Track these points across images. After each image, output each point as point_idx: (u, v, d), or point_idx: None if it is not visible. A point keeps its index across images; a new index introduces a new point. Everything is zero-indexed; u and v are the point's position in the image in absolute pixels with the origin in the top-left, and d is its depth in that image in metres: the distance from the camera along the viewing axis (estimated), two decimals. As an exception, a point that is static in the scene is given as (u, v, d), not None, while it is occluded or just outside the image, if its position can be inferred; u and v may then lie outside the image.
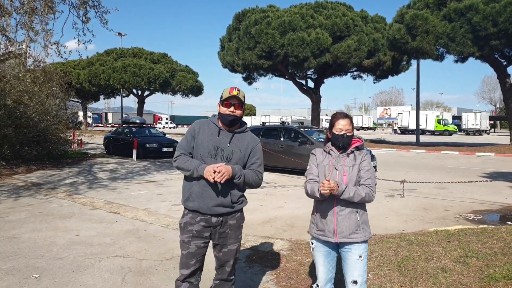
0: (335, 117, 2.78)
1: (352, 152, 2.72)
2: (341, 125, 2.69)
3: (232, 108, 2.71)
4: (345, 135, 2.68)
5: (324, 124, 47.27)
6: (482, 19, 17.68)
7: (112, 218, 6.33)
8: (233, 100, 2.71)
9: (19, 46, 12.02)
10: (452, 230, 5.22)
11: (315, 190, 2.61)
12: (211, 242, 2.81)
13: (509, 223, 6.30)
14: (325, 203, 2.67)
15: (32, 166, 12.39)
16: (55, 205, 7.26)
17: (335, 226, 2.62)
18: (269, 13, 25.49)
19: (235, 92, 2.70)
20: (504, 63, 22.16)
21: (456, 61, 22.72)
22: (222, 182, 2.55)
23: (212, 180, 2.54)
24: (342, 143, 2.69)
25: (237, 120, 2.77)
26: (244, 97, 2.78)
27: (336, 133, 2.71)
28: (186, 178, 2.79)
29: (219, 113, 2.77)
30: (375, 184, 2.66)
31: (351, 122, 2.74)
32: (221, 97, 2.75)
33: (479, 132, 49.07)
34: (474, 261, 3.91)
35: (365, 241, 2.68)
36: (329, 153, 2.76)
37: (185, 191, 2.77)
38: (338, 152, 2.73)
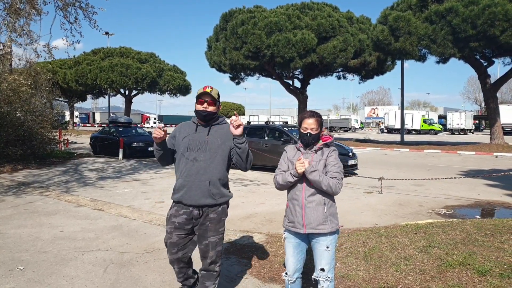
0: (303, 115, 2.89)
1: (321, 148, 2.85)
2: (307, 124, 2.82)
3: (205, 105, 2.93)
4: (309, 134, 2.80)
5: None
6: (461, 21, 18.16)
7: (97, 215, 6.49)
8: (205, 97, 2.92)
9: (3, 46, 12.03)
10: (422, 224, 5.51)
11: (286, 176, 2.79)
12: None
13: (477, 216, 6.65)
14: (295, 194, 2.82)
15: (17, 165, 12.40)
16: (40, 203, 7.38)
17: (303, 217, 2.77)
18: (255, 13, 25.73)
19: (208, 90, 2.91)
20: (485, 64, 22.71)
21: (438, 62, 23.25)
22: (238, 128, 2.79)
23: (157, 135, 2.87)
24: (306, 141, 2.84)
25: (211, 116, 2.97)
26: (217, 95, 2.97)
27: (302, 131, 2.84)
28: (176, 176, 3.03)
29: (195, 110, 2.97)
30: (342, 179, 2.80)
31: (318, 121, 2.83)
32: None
33: (463, 131, 50.01)
34: (435, 251, 4.19)
35: (332, 233, 2.81)
36: (299, 150, 2.90)
37: (173, 187, 3.01)
38: (305, 149, 2.89)
